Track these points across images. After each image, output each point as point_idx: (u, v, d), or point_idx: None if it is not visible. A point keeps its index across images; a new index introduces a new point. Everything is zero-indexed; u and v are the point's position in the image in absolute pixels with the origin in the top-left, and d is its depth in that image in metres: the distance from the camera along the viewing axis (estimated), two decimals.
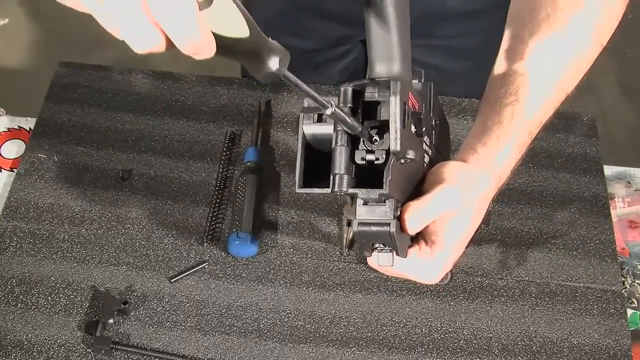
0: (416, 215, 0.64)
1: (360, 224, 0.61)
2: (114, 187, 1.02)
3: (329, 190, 0.57)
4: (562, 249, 1.00)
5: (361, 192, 0.58)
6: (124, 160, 1.05)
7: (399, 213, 0.63)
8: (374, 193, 0.57)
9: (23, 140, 1.08)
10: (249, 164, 1.02)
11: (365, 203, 0.60)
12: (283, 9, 1.08)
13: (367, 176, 0.58)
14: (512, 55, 0.77)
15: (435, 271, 0.72)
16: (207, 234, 0.97)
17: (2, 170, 1.05)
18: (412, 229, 0.64)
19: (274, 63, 0.43)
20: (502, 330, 0.93)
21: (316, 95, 0.49)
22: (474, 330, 0.93)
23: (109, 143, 1.06)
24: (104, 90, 1.12)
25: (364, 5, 0.59)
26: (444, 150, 0.77)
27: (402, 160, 0.58)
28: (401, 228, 0.63)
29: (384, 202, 0.60)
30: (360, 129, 0.55)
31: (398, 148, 0.56)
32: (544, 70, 0.75)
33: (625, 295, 0.97)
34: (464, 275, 0.97)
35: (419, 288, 0.95)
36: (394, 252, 0.64)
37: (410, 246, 0.70)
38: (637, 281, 0.99)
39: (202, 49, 0.41)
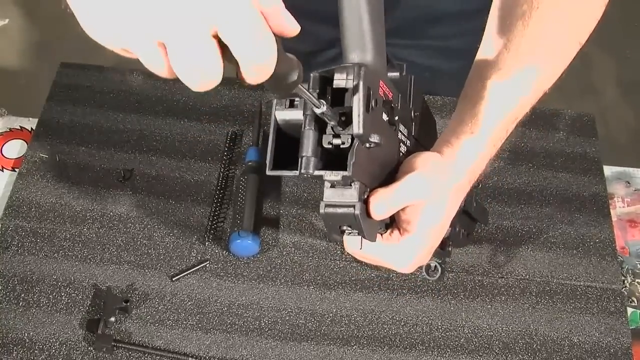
0: (382, 201, 0.64)
1: (326, 205, 0.62)
2: (116, 186, 1.02)
3: (297, 173, 0.58)
4: (562, 248, 1.00)
5: (326, 174, 0.59)
6: (126, 160, 1.05)
7: (365, 196, 0.63)
8: (338, 175, 0.58)
9: (25, 140, 1.09)
10: (250, 163, 1.02)
11: (332, 186, 0.61)
12: None
13: (335, 160, 0.59)
14: (491, 51, 0.77)
15: (406, 258, 0.72)
16: (209, 233, 0.97)
17: (4, 169, 1.06)
18: (377, 214, 0.64)
19: (293, 77, 0.46)
20: (502, 329, 0.93)
21: (312, 97, 0.52)
22: (475, 328, 0.93)
23: (111, 143, 1.06)
24: (106, 91, 1.12)
25: None
26: (428, 142, 0.77)
27: (368, 145, 0.59)
28: (368, 214, 0.64)
29: (350, 185, 0.61)
30: (337, 120, 0.57)
31: (360, 131, 0.56)
32: (521, 68, 0.75)
33: (625, 293, 0.98)
34: (465, 274, 0.97)
35: (420, 287, 0.95)
36: (362, 237, 0.65)
37: (383, 232, 0.70)
38: (637, 280, 1.00)
39: (267, 69, 0.43)
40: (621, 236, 1.04)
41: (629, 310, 0.96)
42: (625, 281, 0.99)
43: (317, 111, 0.53)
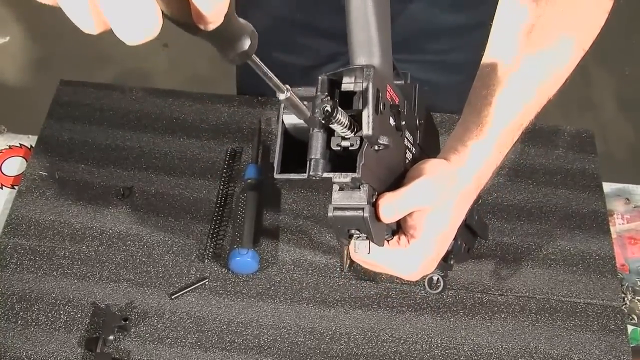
0: (390, 204, 0.64)
1: (335, 208, 0.61)
2: (115, 204, 1.02)
3: (305, 176, 0.57)
4: (562, 265, 1.00)
5: (335, 176, 0.58)
6: (125, 177, 1.05)
7: (374, 200, 0.63)
8: (347, 177, 0.58)
9: (24, 158, 1.09)
10: (249, 181, 1.02)
11: (341, 189, 0.61)
12: (277, 26, 1.09)
13: (344, 163, 0.58)
14: (495, 59, 0.78)
15: (413, 264, 0.73)
16: (208, 251, 0.97)
17: (3, 187, 1.06)
18: (386, 217, 0.64)
19: (245, 43, 0.41)
20: (502, 347, 0.93)
21: (275, 78, 0.46)
22: (474, 346, 0.92)
23: (110, 160, 1.07)
24: (105, 108, 1.13)
25: (344, 3, 0.60)
26: (432, 151, 0.78)
27: (376, 147, 0.59)
28: (376, 217, 0.63)
29: (359, 188, 0.61)
30: (309, 115, 0.52)
31: (370, 132, 0.56)
32: (525, 75, 0.76)
33: (626, 311, 0.97)
34: (464, 292, 0.97)
35: (419, 304, 0.95)
36: (370, 241, 0.65)
37: (389, 239, 0.70)
38: (637, 297, 1.00)
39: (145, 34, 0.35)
40: (621, 253, 1.03)
41: (629, 327, 0.96)
42: (626, 298, 0.99)
43: (281, 97, 0.48)
